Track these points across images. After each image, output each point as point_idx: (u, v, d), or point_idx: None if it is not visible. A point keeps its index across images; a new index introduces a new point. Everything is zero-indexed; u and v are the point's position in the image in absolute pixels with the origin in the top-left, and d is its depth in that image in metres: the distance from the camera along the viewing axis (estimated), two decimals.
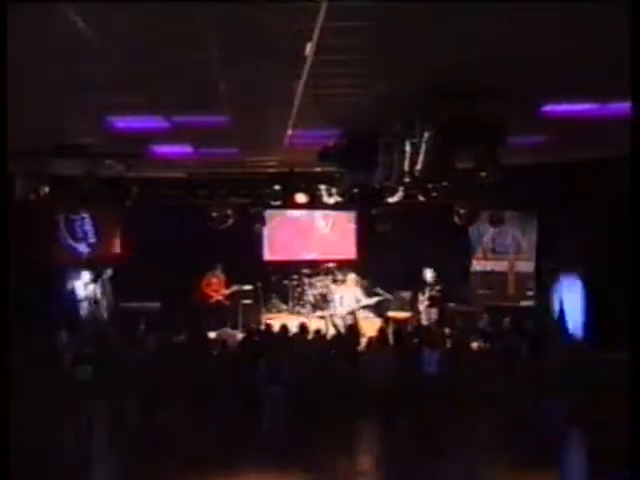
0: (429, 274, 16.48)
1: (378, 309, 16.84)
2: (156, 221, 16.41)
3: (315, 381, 11.28)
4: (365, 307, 16.23)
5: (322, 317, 16.38)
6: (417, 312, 16.49)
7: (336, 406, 11.11)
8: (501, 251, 17.07)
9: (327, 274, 18.02)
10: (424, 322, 16.06)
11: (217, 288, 16.89)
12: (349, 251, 18.66)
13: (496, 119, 8.36)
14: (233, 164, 14.18)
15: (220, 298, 16.86)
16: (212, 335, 14.62)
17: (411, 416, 11.40)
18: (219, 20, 5.37)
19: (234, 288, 16.98)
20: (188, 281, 16.76)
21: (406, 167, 8.71)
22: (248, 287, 17.16)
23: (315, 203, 15.92)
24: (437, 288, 16.34)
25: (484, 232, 17.06)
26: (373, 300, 16.20)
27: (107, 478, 10.24)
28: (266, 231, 17.80)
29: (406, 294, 17.25)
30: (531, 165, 13.79)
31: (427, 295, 16.44)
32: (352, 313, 15.78)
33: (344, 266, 17.79)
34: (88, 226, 16.70)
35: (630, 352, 5.87)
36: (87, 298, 16.32)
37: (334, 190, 14.48)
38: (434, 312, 16.41)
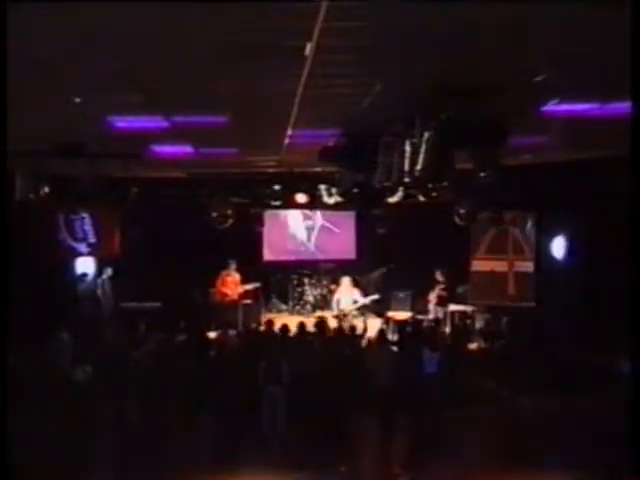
0: (438, 273, 16.62)
1: (378, 309, 16.86)
2: (156, 221, 16.42)
3: (314, 381, 11.29)
4: (361, 307, 16.23)
5: (322, 317, 16.36)
6: (425, 311, 16.63)
7: (336, 406, 11.11)
8: (501, 251, 17.07)
9: (327, 274, 18.03)
10: (428, 321, 16.18)
11: (232, 287, 16.88)
12: (349, 251, 18.66)
13: (496, 119, 8.37)
14: (233, 164, 14.18)
15: (235, 297, 16.84)
16: (212, 335, 14.62)
17: (411, 416, 11.40)
18: (219, 20, 5.37)
19: (251, 286, 17.00)
20: (188, 281, 16.77)
21: (406, 167, 8.72)
22: (249, 286, 17.19)
23: (315, 203, 15.93)
24: (444, 287, 16.55)
25: (484, 232, 17.07)
26: (367, 300, 16.21)
27: (106, 478, 10.24)
28: (266, 231, 17.79)
29: (405, 294, 17.28)
30: (531, 165, 13.80)
31: (436, 294, 16.62)
32: (346, 315, 15.81)
33: (344, 266, 17.80)
34: (88, 226, 16.71)
35: (630, 352, 5.87)
36: (87, 298, 16.32)
37: (334, 190, 14.48)
38: (441, 311, 16.56)
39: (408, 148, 8.58)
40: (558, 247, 15.83)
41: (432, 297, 16.78)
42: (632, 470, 5.61)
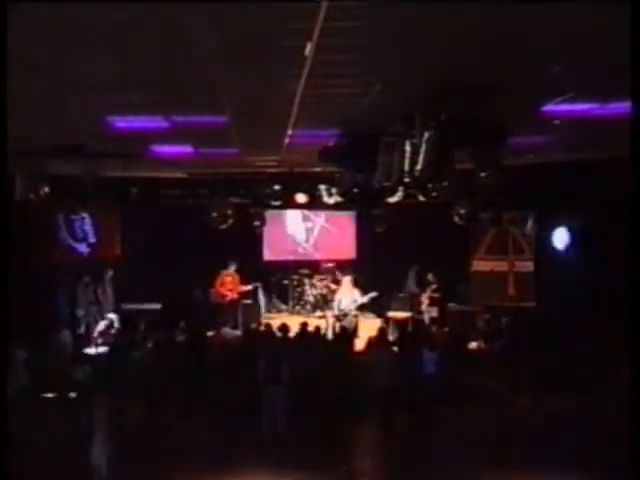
0: (429, 274, 16.68)
1: (378, 309, 16.86)
2: (156, 221, 16.42)
3: (314, 381, 11.30)
4: (361, 306, 16.23)
5: (322, 317, 16.39)
6: (419, 312, 16.65)
7: (336, 406, 11.12)
8: (501, 251, 17.08)
9: (327, 274, 18.03)
10: (426, 321, 16.22)
11: (231, 287, 16.89)
12: (349, 251, 18.66)
13: (496, 119, 8.37)
14: (233, 164, 14.17)
15: (235, 297, 16.86)
16: (211, 335, 14.64)
17: (411, 416, 11.41)
18: (219, 20, 5.37)
19: (250, 286, 17.02)
20: (188, 281, 16.77)
21: (406, 167, 8.72)
22: (248, 287, 17.21)
23: (315, 203, 15.93)
24: (436, 287, 16.62)
25: (484, 232, 17.07)
26: (366, 298, 16.20)
27: (106, 478, 10.24)
28: (266, 231, 17.78)
29: (405, 294, 17.29)
30: (531, 165, 13.80)
31: (428, 295, 16.66)
32: (346, 315, 15.82)
33: (344, 266, 17.80)
34: (88, 226, 16.71)
35: (630, 356, 5.88)
36: (87, 298, 16.30)
37: (334, 190, 14.48)
38: (434, 311, 16.60)
39: (408, 148, 8.58)
40: (560, 239, 15.79)
41: (424, 298, 16.79)
42: (633, 470, 5.61)
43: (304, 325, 13.15)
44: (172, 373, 11.66)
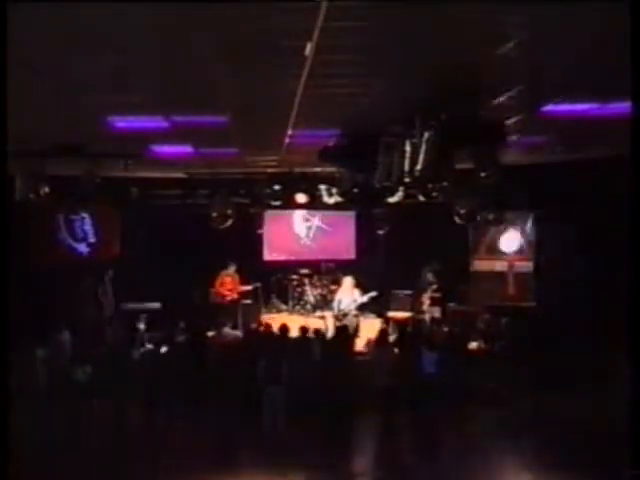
0: (429, 274, 16.65)
1: (378, 309, 16.84)
2: (156, 221, 16.42)
3: (314, 381, 11.29)
4: (361, 306, 16.19)
5: (322, 317, 16.37)
6: (420, 312, 16.61)
7: (335, 406, 11.11)
8: (501, 251, 17.07)
9: (327, 274, 18.02)
10: (427, 321, 16.19)
11: (231, 287, 16.88)
12: (348, 251, 18.65)
13: (496, 119, 8.38)
14: (233, 164, 14.18)
15: (235, 297, 16.86)
16: (211, 335, 14.61)
17: (411, 416, 11.41)
18: (219, 20, 5.37)
19: (250, 286, 17.04)
20: (188, 281, 16.77)
21: (406, 167, 8.73)
22: (248, 287, 17.21)
23: (315, 203, 15.92)
24: (436, 287, 16.58)
25: (484, 232, 17.06)
26: (366, 298, 16.16)
27: (107, 478, 10.23)
28: (266, 231, 17.77)
29: (406, 294, 17.27)
30: (531, 165, 13.80)
31: (429, 295, 16.62)
32: (346, 315, 15.80)
33: (344, 266, 17.78)
34: (88, 226, 16.70)
35: (630, 356, 5.88)
36: (88, 298, 16.29)
37: (334, 190, 14.48)
38: (437, 311, 16.56)
39: (408, 148, 8.59)
40: (508, 244, 15.91)
41: (425, 298, 16.74)
42: (632, 470, 5.61)
43: (304, 330, 13.13)
44: (172, 373, 11.65)
